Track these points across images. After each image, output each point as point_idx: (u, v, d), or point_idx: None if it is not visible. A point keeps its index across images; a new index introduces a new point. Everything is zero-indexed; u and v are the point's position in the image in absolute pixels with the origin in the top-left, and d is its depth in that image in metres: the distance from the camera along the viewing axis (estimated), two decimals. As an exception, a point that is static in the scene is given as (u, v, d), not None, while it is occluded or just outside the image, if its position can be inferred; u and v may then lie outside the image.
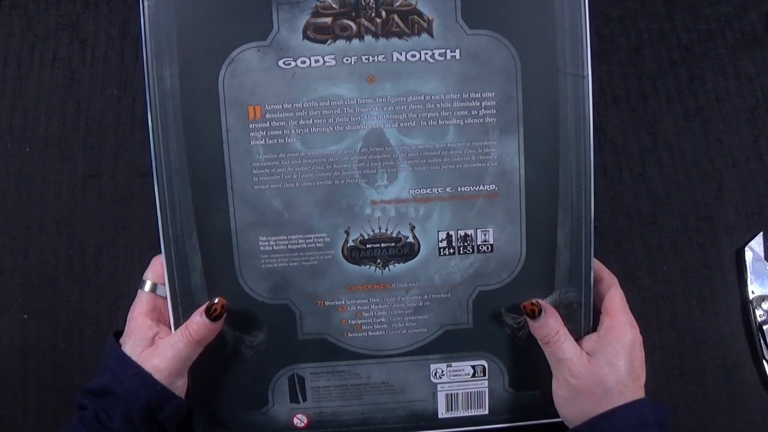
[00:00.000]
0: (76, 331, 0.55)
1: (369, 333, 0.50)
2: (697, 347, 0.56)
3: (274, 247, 0.48)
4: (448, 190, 0.48)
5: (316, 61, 0.46)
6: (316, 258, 0.48)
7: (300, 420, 0.51)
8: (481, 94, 0.47)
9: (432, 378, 0.51)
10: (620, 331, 0.46)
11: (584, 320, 0.49)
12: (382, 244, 0.48)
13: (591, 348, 0.47)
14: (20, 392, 0.54)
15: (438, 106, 0.47)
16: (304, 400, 0.51)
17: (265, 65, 0.46)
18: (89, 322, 0.55)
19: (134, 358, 0.46)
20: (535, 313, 0.47)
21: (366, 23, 0.46)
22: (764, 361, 0.55)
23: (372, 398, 0.51)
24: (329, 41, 0.46)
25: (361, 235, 0.48)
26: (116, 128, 0.58)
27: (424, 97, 0.47)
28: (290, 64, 0.46)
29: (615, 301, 0.48)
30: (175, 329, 0.48)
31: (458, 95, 0.47)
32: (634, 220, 0.58)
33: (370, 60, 0.46)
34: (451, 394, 0.51)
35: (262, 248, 0.48)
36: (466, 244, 0.49)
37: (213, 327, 0.47)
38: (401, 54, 0.46)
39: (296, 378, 0.50)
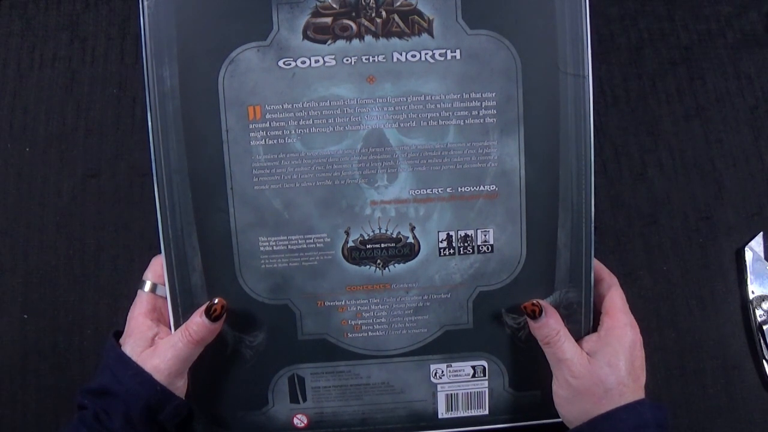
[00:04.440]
0: (76, 331, 0.55)
1: (369, 333, 0.50)
2: (697, 347, 0.56)
3: (274, 248, 0.48)
4: (448, 190, 0.48)
5: (316, 62, 0.46)
6: (316, 258, 0.48)
7: (300, 420, 0.51)
8: (481, 95, 0.47)
9: (432, 378, 0.51)
10: (620, 332, 0.46)
11: (584, 320, 0.49)
12: (382, 245, 0.48)
13: (591, 348, 0.47)
14: (20, 392, 0.54)
15: (438, 106, 0.47)
16: (304, 400, 0.51)
17: (265, 65, 0.46)
18: (89, 322, 0.55)
19: (134, 358, 0.46)
20: (536, 314, 0.47)
21: (366, 23, 0.46)
22: (764, 361, 0.55)
23: (372, 398, 0.51)
24: (329, 41, 0.46)
25: (361, 235, 0.48)
26: (116, 128, 0.58)
27: (425, 98, 0.47)
28: (290, 64, 0.46)
29: (615, 301, 0.48)
30: (175, 329, 0.48)
31: (458, 95, 0.47)
32: (634, 220, 0.58)
33: (370, 60, 0.46)
34: (451, 394, 0.51)
35: (262, 248, 0.48)
36: (466, 244, 0.49)
37: (213, 327, 0.47)
38: (401, 54, 0.46)
39: (296, 378, 0.50)
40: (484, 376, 0.51)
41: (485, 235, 0.49)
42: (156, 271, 0.49)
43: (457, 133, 0.47)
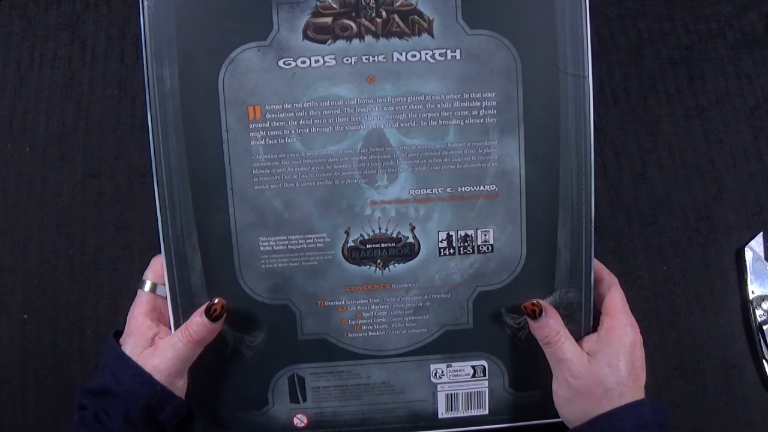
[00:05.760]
0: (76, 331, 0.55)
1: (369, 333, 0.50)
2: (697, 347, 0.56)
3: (274, 248, 0.48)
4: (448, 190, 0.48)
5: (316, 61, 0.46)
6: (316, 258, 0.48)
7: (300, 420, 0.51)
8: (481, 94, 0.47)
9: (432, 378, 0.51)
10: (620, 332, 0.46)
11: (584, 320, 0.49)
12: (382, 245, 0.48)
13: (591, 348, 0.47)
14: (20, 392, 0.54)
15: (438, 106, 0.47)
16: (304, 400, 0.51)
17: (265, 65, 0.46)
18: (89, 322, 0.55)
19: (134, 358, 0.46)
20: (536, 314, 0.47)
21: (366, 23, 0.46)
22: (764, 361, 0.55)
23: (372, 398, 0.51)
24: (329, 41, 0.46)
25: (361, 235, 0.48)
26: (116, 128, 0.58)
27: (425, 98, 0.47)
28: (290, 64, 0.46)
29: (615, 301, 0.48)
30: (175, 329, 0.48)
31: (458, 95, 0.47)
32: (634, 220, 0.58)
33: (371, 60, 0.46)
34: (451, 394, 0.51)
35: (262, 248, 0.48)
36: (466, 244, 0.49)
37: (213, 327, 0.47)
38: (401, 54, 0.46)
39: (296, 378, 0.50)
40: (484, 376, 0.51)
41: (485, 235, 0.49)
42: (156, 271, 0.49)
43: (457, 133, 0.47)
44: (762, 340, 0.56)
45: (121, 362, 0.46)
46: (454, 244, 0.49)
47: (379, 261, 0.49)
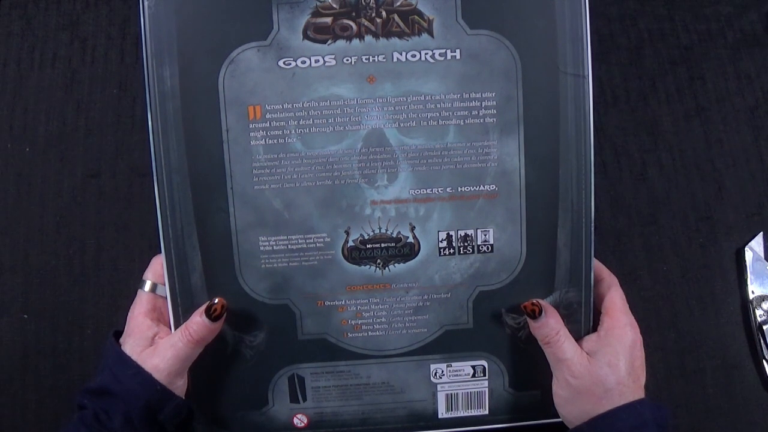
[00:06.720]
0: (76, 331, 0.55)
1: (369, 333, 0.50)
2: (697, 347, 0.56)
3: (274, 247, 0.48)
4: (448, 190, 0.48)
5: (317, 61, 0.46)
6: (316, 258, 0.48)
7: (300, 420, 0.51)
8: (481, 94, 0.47)
9: (432, 378, 0.51)
10: (620, 332, 0.46)
11: (584, 320, 0.49)
12: (382, 245, 0.48)
13: (591, 348, 0.47)
14: (20, 392, 0.54)
15: (438, 106, 0.47)
16: (304, 400, 0.51)
17: (265, 65, 0.46)
18: (89, 322, 0.55)
19: (134, 357, 0.46)
20: (536, 314, 0.47)
21: (366, 23, 0.46)
22: (764, 361, 0.55)
23: (372, 398, 0.51)
24: (329, 41, 0.46)
25: (361, 235, 0.48)
26: (116, 128, 0.58)
27: (425, 97, 0.47)
28: (290, 64, 0.46)
29: (615, 301, 0.48)
30: (175, 329, 0.48)
31: (458, 95, 0.47)
32: (634, 220, 0.58)
33: (371, 60, 0.46)
34: (451, 394, 0.51)
35: (262, 248, 0.48)
36: (466, 244, 0.49)
37: (213, 327, 0.47)
38: (401, 54, 0.46)
39: (296, 378, 0.50)
40: (484, 376, 0.51)
41: (485, 235, 0.49)
42: (156, 270, 0.49)
43: (457, 133, 0.47)
44: (762, 340, 0.56)
45: (121, 362, 0.46)
46: (454, 244, 0.49)
47: (379, 261, 0.49)
